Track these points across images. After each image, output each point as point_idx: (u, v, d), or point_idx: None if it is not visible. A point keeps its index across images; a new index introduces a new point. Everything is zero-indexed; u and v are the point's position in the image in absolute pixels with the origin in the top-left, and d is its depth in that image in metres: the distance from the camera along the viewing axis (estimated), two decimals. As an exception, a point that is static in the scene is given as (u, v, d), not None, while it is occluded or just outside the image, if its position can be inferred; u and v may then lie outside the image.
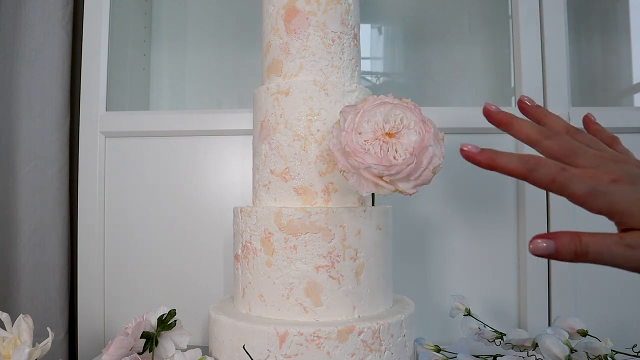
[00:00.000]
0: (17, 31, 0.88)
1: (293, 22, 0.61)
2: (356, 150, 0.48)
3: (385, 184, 0.48)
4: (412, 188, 0.49)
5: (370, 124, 0.49)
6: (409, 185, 0.49)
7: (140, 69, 1.05)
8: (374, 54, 1.11)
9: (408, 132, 0.48)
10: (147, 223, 0.88)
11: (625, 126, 0.82)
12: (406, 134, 0.48)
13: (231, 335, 0.55)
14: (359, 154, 0.48)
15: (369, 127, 0.49)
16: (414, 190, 0.49)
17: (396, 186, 0.49)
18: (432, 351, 0.61)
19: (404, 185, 0.48)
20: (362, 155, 0.48)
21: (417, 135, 0.48)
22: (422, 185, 0.49)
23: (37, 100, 0.88)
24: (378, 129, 0.49)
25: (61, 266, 0.89)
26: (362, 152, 0.48)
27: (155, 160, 0.89)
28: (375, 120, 0.49)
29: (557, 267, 0.81)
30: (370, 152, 0.48)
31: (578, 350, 0.54)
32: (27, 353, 0.50)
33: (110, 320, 0.88)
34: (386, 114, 0.49)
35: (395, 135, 0.48)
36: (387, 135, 0.48)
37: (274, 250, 0.56)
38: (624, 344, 0.59)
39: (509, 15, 0.93)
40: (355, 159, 0.48)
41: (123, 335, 0.52)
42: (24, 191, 0.87)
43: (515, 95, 0.86)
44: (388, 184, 0.48)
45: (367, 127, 0.49)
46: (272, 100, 0.61)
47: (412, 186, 0.49)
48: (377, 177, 0.48)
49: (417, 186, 0.49)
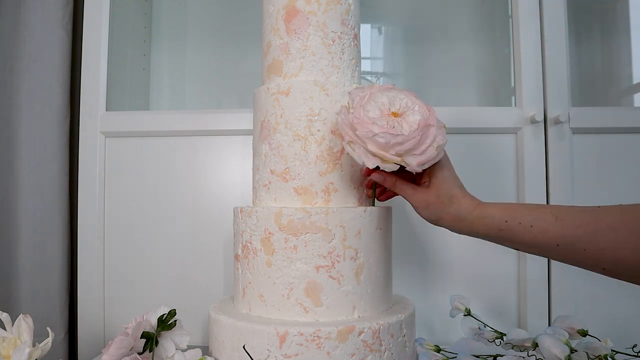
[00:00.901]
0: (17, 31, 0.88)
1: (293, 22, 0.61)
2: (364, 122, 0.50)
3: (391, 156, 0.49)
4: (418, 165, 0.50)
5: (377, 104, 0.52)
6: (414, 161, 0.49)
7: (140, 69, 1.05)
8: (374, 54, 1.11)
9: (413, 113, 0.51)
10: (147, 223, 0.88)
11: (625, 126, 0.82)
12: (411, 114, 0.51)
13: (231, 335, 0.55)
14: (367, 124, 0.50)
15: (376, 106, 0.52)
16: (419, 167, 0.50)
17: (403, 158, 0.50)
18: (432, 351, 0.61)
19: (409, 159, 0.49)
20: (370, 125, 0.49)
21: (420, 115, 0.51)
22: (427, 162, 0.50)
23: (37, 101, 0.88)
24: (384, 109, 0.52)
25: (61, 266, 0.89)
26: (369, 122, 0.50)
27: (155, 160, 0.89)
28: (382, 101, 0.52)
29: (557, 268, 0.81)
30: (377, 123, 0.50)
31: (578, 350, 0.54)
32: (27, 353, 0.50)
33: (110, 320, 0.88)
34: (392, 98, 0.53)
35: (401, 115, 0.52)
36: (393, 115, 0.52)
37: (274, 250, 0.56)
38: (624, 344, 0.59)
39: (509, 15, 0.93)
40: (362, 129, 0.50)
41: (123, 335, 0.52)
42: (24, 191, 0.87)
43: (515, 95, 0.86)
44: (394, 156, 0.49)
45: (374, 106, 0.52)
46: (273, 100, 0.61)
47: (417, 162, 0.49)
48: (383, 149, 0.49)
49: (422, 163, 0.50)
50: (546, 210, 0.46)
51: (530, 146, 0.82)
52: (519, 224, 0.47)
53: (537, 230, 0.45)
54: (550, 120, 0.82)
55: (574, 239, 0.43)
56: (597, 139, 0.83)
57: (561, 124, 0.81)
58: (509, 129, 0.83)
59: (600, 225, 0.42)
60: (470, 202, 0.51)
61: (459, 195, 0.51)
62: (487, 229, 0.49)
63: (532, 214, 0.47)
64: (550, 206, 0.48)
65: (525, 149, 0.82)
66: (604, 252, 0.41)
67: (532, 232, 0.46)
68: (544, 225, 0.45)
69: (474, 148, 0.84)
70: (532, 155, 0.82)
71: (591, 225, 0.42)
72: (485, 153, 0.84)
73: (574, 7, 0.90)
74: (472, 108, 0.88)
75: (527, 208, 0.48)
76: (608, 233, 0.41)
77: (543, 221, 0.45)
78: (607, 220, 0.42)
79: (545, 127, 0.83)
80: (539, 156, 0.82)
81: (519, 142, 0.83)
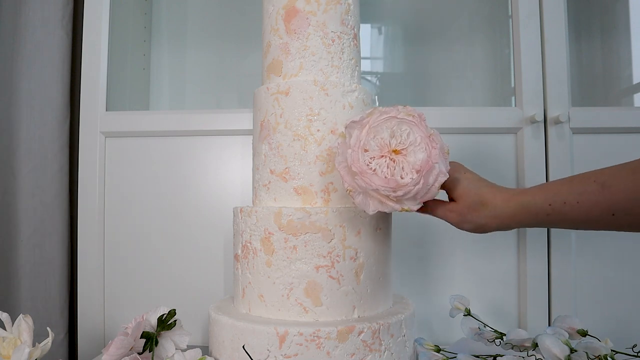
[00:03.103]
0: (17, 31, 0.88)
1: (293, 22, 0.61)
2: (363, 171, 0.48)
3: (393, 204, 0.49)
4: (417, 205, 0.50)
5: (376, 141, 0.49)
6: (414, 203, 0.50)
7: (140, 69, 1.05)
8: (374, 54, 1.11)
9: (415, 150, 0.48)
10: (147, 223, 0.88)
11: (625, 126, 0.82)
12: (413, 152, 0.48)
13: (231, 335, 0.55)
14: (366, 175, 0.48)
15: (375, 144, 0.49)
16: (418, 206, 0.50)
17: (402, 205, 0.50)
18: (432, 351, 0.61)
19: (409, 203, 0.49)
20: (370, 176, 0.48)
21: (423, 153, 0.48)
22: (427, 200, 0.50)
23: (37, 100, 0.88)
24: (384, 145, 0.49)
25: (61, 266, 0.89)
26: (369, 173, 0.48)
27: (155, 160, 0.89)
28: (382, 137, 0.49)
29: (557, 268, 0.81)
30: (377, 172, 0.48)
31: (578, 350, 0.54)
32: (27, 353, 0.50)
33: (110, 320, 0.88)
34: (392, 130, 0.49)
35: (402, 152, 0.48)
36: (394, 153, 0.48)
37: (274, 250, 0.56)
38: (624, 344, 0.59)
39: (509, 15, 0.93)
40: (362, 179, 0.48)
41: (123, 335, 0.52)
42: (24, 191, 0.87)
43: (515, 95, 0.86)
44: (395, 203, 0.49)
45: (374, 144, 0.49)
46: (272, 100, 0.61)
47: (417, 203, 0.50)
48: (384, 196, 0.49)
49: (422, 202, 0.50)
50: (589, 179, 0.42)
51: (530, 146, 0.82)
52: (564, 203, 0.43)
53: (586, 205, 0.41)
54: (550, 120, 0.82)
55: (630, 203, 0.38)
56: (597, 139, 0.83)
57: (561, 124, 0.81)
58: (509, 129, 0.83)
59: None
60: (503, 197, 0.48)
61: (489, 196, 0.48)
62: (534, 217, 0.46)
63: (575, 189, 0.42)
64: (594, 173, 0.42)
65: (525, 149, 0.82)
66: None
67: (580, 209, 0.41)
68: (591, 197, 0.41)
69: (474, 148, 0.84)
70: (532, 155, 0.82)
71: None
72: (485, 153, 0.84)
73: (574, 7, 0.90)
74: (472, 108, 0.88)
75: (568, 183, 0.44)
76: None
77: (589, 194, 0.41)
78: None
79: (545, 127, 0.83)
80: (539, 156, 0.82)
81: (519, 142, 0.83)
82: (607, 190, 0.40)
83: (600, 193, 0.40)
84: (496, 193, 0.49)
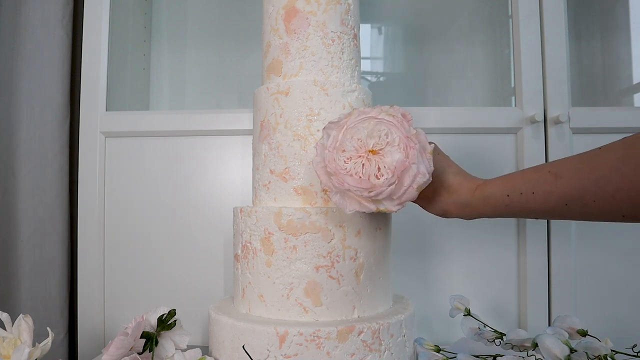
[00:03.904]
0: (17, 31, 0.88)
1: (293, 22, 0.61)
2: (337, 172, 0.48)
3: (368, 204, 0.48)
4: (396, 206, 0.48)
5: (353, 142, 0.48)
6: (392, 204, 0.48)
7: (140, 69, 1.05)
8: (374, 54, 1.11)
9: (391, 150, 0.47)
10: (147, 223, 0.88)
11: (625, 126, 0.82)
12: (389, 152, 0.47)
13: (231, 335, 0.55)
14: (340, 175, 0.48)
15: (351, 145, 0.48)
16: (398, 207, 0.48)
17: (378, 205, 0.48)
18: (432, 351, 0.61)
19: (387, 203, 0.48)
20: (343, 176, 0.47)
21: (400, 153, 0.46)
22: (407, 201, 0.48)
23: (37, 100, 0.88)
24: (361, 146, 0.48)
25: (61, 266, 0.89)
26: (342, 173, 0.47)
27: (155, 160, 0.89)
28: (359, 137, 0.48)
29: (557, 268, 0.81)
30: (351, 172, 0.47)
31: (578, 350, 0.54)
32: (27, 353, 0.50)
33: (110, 320, 0.88)
34: (370, 130, 0.48)
35: (379, 152, 0.47)
36: (371, 153, 0.47)
37: (274, 250, 0.56)
38: (624, 344, 0.59)
39: (509, 15, 0.93)
40: (336, 179, 0.48)
41: (123, 335, 0.52)
42: (24, 191, 0.87)
43: (515, 95, 0.86)
44: (371, 204, 0.48)
45: (350, 145, 0.48)
46: (272, 100, 0.61)
47: (396, 204, 0.48)
48: (360, 196, 0.48)
49: (402, 203, 0.48)
50: (544, 170, 0.43)
51: (530, 146, 0.82)
52: (521, 194, 0.43)
53: (541, 196, 0.42)
54: (550, 120, 0.82)
55: (581, 193, 0.39)
56: (597, 139, 0.82)
57: (561, 124, 0.81)
58: (509, 129, 0.83)
59: (603, 170, 0.38)
60: (468, 187, 0.49)
61: (456, 183, 0.49)
62: (493, 208, 0.46)
63: (531, 179, 0.43)
64: (549, 164, 0.43)
65: (525, 149, 0.82)
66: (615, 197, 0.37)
67: (535, 199, 0.42)
68: (545, 188, 0.41)
69: (474, 148, 0.84)
70: (532, 155, 0.82)
71: (594, 173, 0.38)
72: (485, 153, 0.84)
73: (574, 7, 0.90)
74: (472, 108, 0.88)
75: (525, 175, 0.45)
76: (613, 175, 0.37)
77: (543, 184, 0.42)
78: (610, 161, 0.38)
79: (545, 127, 0.83)
80: (539, 156, 0.82)
81: (519, 142, 0.83)
82: (559, 180, 0.40)
83: (554, 183, 0.41)
84: (463, 182, 0.49)
